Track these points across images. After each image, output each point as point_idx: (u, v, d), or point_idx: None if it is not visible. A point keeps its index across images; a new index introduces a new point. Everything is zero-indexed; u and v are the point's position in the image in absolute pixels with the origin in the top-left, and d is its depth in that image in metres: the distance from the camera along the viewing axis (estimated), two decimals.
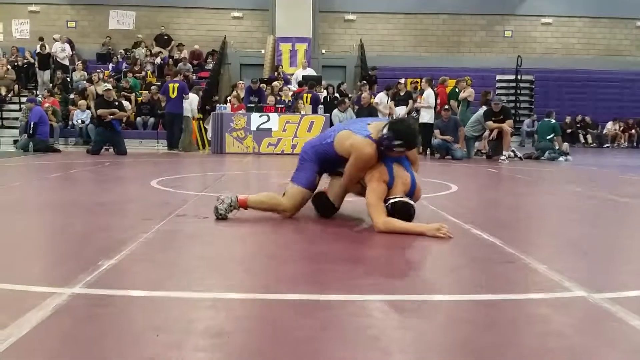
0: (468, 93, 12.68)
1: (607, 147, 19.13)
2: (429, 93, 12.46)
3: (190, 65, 18.62)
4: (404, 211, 3.36)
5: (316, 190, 3.89)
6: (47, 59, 17.90)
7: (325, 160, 3.77)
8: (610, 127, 19.61)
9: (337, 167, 3.80)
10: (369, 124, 3.64)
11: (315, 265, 2.65)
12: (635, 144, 19.56)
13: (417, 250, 3.08)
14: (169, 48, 20.07)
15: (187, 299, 2.09)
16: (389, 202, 3.41)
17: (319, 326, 1.81)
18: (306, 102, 12.99)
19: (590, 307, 2.06)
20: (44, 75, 17.80)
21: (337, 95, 14.22)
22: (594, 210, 4.76)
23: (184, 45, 19.89)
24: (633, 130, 19.68)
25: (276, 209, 3.82)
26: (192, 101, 13.39)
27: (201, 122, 14.36)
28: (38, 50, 17.89)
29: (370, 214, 3.41)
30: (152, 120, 15.37)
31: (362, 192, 3.64)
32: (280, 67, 18.29)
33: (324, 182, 4.00)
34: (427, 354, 1.62)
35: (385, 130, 3.43)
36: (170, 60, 19.05)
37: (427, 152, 12.51)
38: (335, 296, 2.13)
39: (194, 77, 17.76)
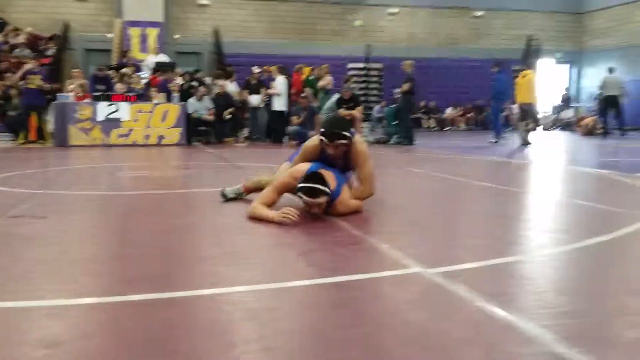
0: (326, 81, 13.01)
1: (448, 130, 20.73)
2: (279, 80, 12.61)
3: (29, 50, 17.04)
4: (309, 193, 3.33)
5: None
6: None
7: None
8: (450, 111, 21.26)
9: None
10: None
11: (161, 262, 2.58)
12: (472, 126, 21.41)
13: (267, 237, 3.11)
14: (4, 33, 18.19)
15: (19, 308, 1.93)
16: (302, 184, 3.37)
17: (165, 325, 1.76)
18: (176, 91, 12.51)
19: (425, 282, 2.22)
20: None
21: (194, 84, 13.79)
22: (433, 190, 5.14)
23: (20, 29, 18.12)
24: (470, 114, 21.52)
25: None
26: None
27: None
28: None
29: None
30: None
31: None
32: (130, 52, 17.39)
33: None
34: (273, 342, 1.65)
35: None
36: (6, 46, 17.28)
37: (285, 140, 12.67)
38: (181, 293, 2.09)
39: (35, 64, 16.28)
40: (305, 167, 3.53)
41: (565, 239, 3.05)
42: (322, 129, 3.68)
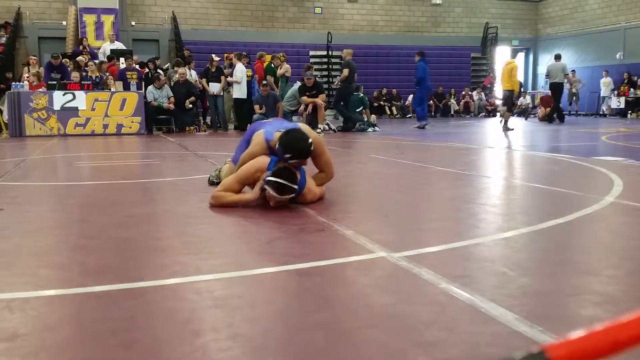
0: (284, 69, 12.95)
1: (410, 117, 20.92)
2: (238, 68, 12.50)
3: None
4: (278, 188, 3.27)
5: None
6: None
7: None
8: (410, 99, 21.44)
9: None
10: (279, 130, 3.56)
11: (123, 252, 2.53)
12: (433, 113, 21.65)
13: (231, 226, 3.10)
14: None
15: None
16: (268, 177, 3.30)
17: (127, 316, 1.74)
18: (133, 79, 12.20)
19: (390, 266, 2.25)
20: None
21: (158, 71, 13.45)
22: (396, 176, 5.19)
23: None
24: (431, 102, 21.75)
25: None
26: None
27: None
28: None
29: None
30: None
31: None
32: (85, 40, 16.92)
33: None
34: (240, 329, 1.64)
35: (277, 145, 3.42)
36: None
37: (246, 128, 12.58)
38: (144, 283, 2.06)
39: None
40: (265, 160, 3.47)
41: (524, 221, 3.13)
42: (290, 153, 3.35)
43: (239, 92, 12.41)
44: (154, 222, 3.25)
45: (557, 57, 15.16)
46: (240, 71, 12.43)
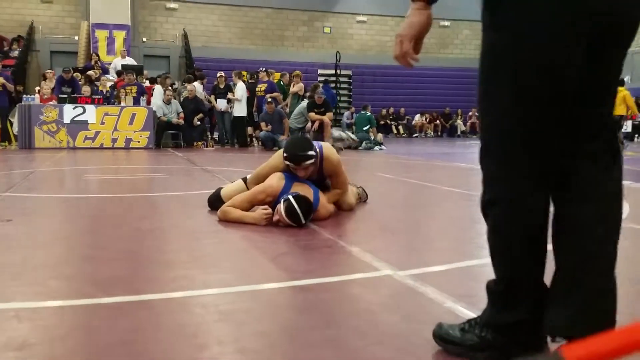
0: (298, 88, 13.06)
1: (416, 136, 20.99)
2: (238, 86, 12.62)
3: None
4: (290, 211, 3.29)
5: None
6: None
7: None
8: (418, 118, 21.52)
9: None
10: None
11: (131, 265, 2.56)
12: (440, 133, 21.71)
13: (238, 241, 3.12)
14: None
15: None
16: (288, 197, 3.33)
17: (135, 328, 1.75)
18: (132, 93, 12.33)
19: (396, 284, 2.26)
20: None
21: (176, 86, 13.61)
22: (403, 195, 5.21)
23: None
24: (438, 121, 21.83)
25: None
26: None
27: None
28: None
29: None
30: None
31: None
32: (96, 55, 17.13)
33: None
34: (247, 344, 1.66)
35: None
36: None
37: (255, 144, 12.66)
38: (153, 296, 2.08)
39: None
40: (279, 183, 3.50)
41: None
42: (285, 154, 3.55)
43: (239, 109, 12.53)
44: (162, 236, 3.27)
45: None
46: (241, 89, 12.55)
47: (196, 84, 13.32)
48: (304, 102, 12.19)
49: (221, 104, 12.77)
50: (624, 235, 1.49)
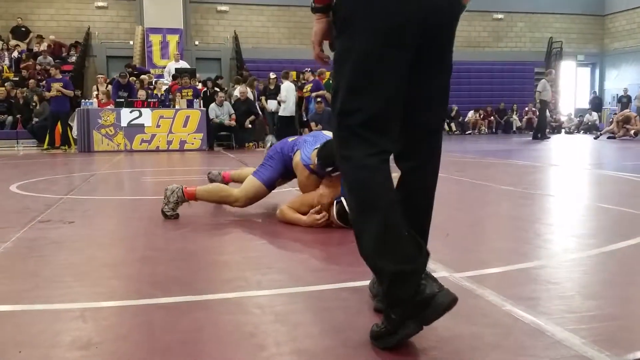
0: None
1: (469, 133, 20.58)
2: (284, 86, 12.66)
3: (51, 58, 17.35)
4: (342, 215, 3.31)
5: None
6: None
7: (287, 168, 3.77)
8: (471, 115, 21.09)
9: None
10: (316, 148, 3.54)
11: (187, 266, 2.61)
12: (494, 129, 21.22)
13: (291, 242, 3.14)
14: (27, 40, 18.56)
15: (52, 310, 1.98)
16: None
17: (194, 328, 1.79)
18: (188, 96, 12.62)
19: (453, 286, 2.21)
20: None
21: (216, 89, 13.89)
22: (457, 194, 5.11)
23: (43, 37, 18.48)
24: (492, 118, 21.34)
25: (226, 200, 3.85)
26: None
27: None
28: None
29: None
30: (10, 119, 14.17)
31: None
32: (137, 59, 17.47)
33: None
34: (302, 344, 1.66)
35: (316, 161, 3.45)
36: (29, 53, 17.62)
37: None
38: (210, 296, 2.11)
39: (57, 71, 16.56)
40: (333, 194, 3.42)
41: (591, 243, 3.02)
42: (321, 162, 3.37)
43: (286, 110, 12.59)
44: (216, 236, 3.33)
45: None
46: (285, 89, 12.60)
47: (247, 87, 13.50)
48: None
49: (271, 105, 12.89)
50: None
